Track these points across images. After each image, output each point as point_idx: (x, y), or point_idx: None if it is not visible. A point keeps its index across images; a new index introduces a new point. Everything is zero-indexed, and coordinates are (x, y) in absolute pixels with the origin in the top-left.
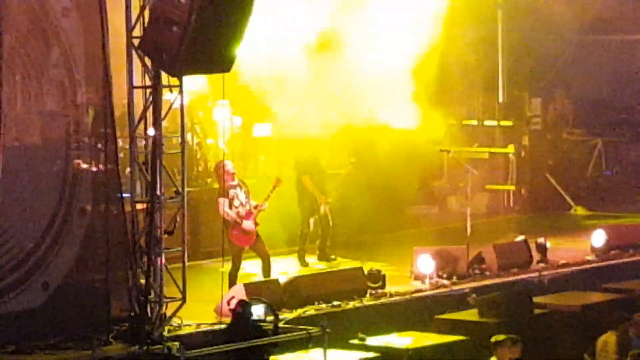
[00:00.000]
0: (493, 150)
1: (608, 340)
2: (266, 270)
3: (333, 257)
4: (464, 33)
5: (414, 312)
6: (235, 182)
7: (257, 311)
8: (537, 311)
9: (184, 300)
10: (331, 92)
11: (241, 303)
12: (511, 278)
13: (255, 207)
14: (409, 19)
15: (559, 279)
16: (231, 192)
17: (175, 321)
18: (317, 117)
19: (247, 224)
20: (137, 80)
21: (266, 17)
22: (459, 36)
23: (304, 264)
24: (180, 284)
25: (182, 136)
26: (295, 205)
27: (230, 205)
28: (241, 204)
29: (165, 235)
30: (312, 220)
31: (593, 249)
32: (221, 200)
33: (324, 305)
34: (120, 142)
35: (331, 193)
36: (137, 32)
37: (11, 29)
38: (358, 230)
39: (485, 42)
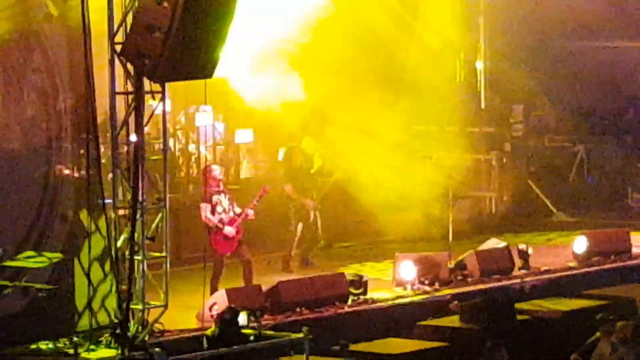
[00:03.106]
0: (475, 156)
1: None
2: (247, 276)
3: (315, 263)
4: (446, 38)
5: (396, 318)
6: (220, 188)
7: (240, 318)
8: (519, 317)
9: (166, 306)
10: None
11: (229, 310)
12: (493, 284)
13: (239, 215)
14: None
15: (541, 286)
16: (215, 197)
17: (158, 327)
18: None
19: (229, 230)
20: (119, 86)
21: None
22: (440, 42)
23: (287, 269)
24: (163, 290)
25: (165, 142)
26: (280, 210)
27: (213, 211)
28: (224, 210)
29: (148, 241)
30: (299, 227)
31: (575, 256)
32: (203, 205)
33: (306, 312)
34: (102, 148)
35: (317, 198)
36: (120, 37)
37: None
38: (340, 236)
39: (467, 48)
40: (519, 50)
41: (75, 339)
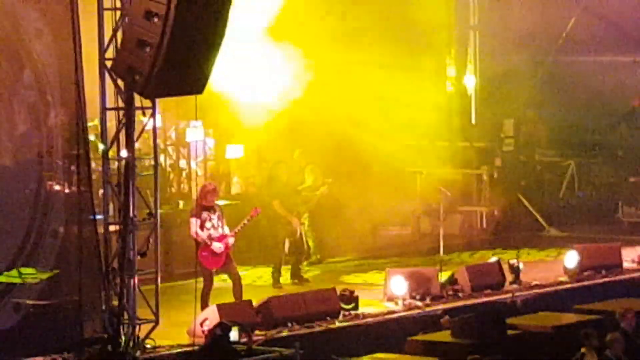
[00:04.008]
0: (466, 171)
1: None
2: (237, 292)
3: (306, 278)
4: (437, 53)
5: (387, 334)
6: (212, 205)
7: (231, 333)
8: (509, 332)
9: (157, 322)
10: None
11: (221, 325)
12: (484, 299)
13: (226, 235)
14: None
15: (532, 300)
16: (204, 213)
17: (149, 343)
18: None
19: (217, 246)
20: (109, 102)
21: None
22: (431, 57)
23: (277, 285)
24: (153, 306)
25: (155, 158)
26: (267, 225)
27: (202, 227)
28: (213, 226)
29: (138, 257)
30: (286, 243)
31: (566, 270)
32: (193, 220)
33: (297, 327)
34: (93, 164)
35: (304, 214)
36: (110, 53)
37: None
38: (331, 251)
39: (458, 62)
40: (509, 65)
41: (65, 354)
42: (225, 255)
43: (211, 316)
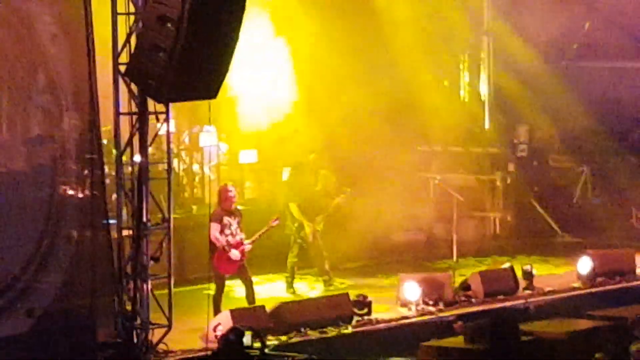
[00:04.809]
0: (479, 176)
1: None
2: (250, 296)
3: (331, 282)
4: (451, 59)
5: (400, 339)
6: (232, 209)
7: (244, 338)
8: (523, 338)
9: (170, 326)
10: None
11: (234, 330)
12: (497, 305)
13: (242, 243)
14: None
15: (545, 306)
16: (225, 218)
17: (161, 347)
18: None
19: (235, 254)
20: (123, 107)
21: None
22: (445, 62)
23: (290, 290)
24: (167, 310)
25: (169, 163)
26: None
27: (222, 232)
28: (232, 233)
29: (152, 262)
30: (297, 246)
31: (579, 276)
32: (213, 224)
33: (310, 332)
34: (106, 169)
35: (320, 220)
36: (124, 58)
37: None
38: (344, 257)
39: (472, 68)
40: (523, 70)
41: (79, 359)
42: (240, 262)
43: (224, 321)
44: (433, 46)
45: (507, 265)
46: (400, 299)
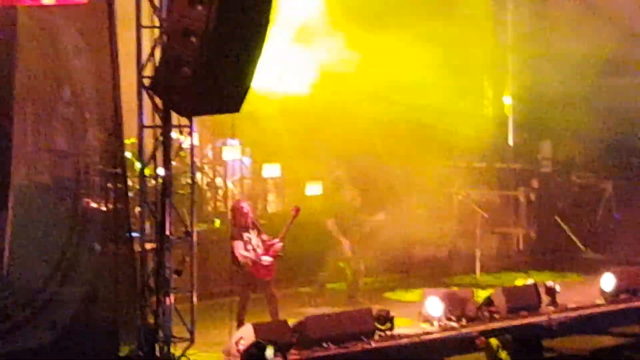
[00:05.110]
0: (503, 192)
1: None
2: (274, 311)
3: (359, 299)
4: (474, 74)
5: (423, 355)
6: (249, 224)
7: (266, 352)
8: (546, 355)
9: (192, 340)
10: None
11: (256, 345)
12: (520, 321)
13: (270, 242)
14: None
15: (568, 323)
16: (245, 235)
17: None
18: None
19: (266, 259)
20: (147, 120)
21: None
22: (468, 79)
23: (314, 304)
24: (189, 324)
25: (192, 176)
26: (310, 244)
27: (245, 248)
28: (253, 248)
29: (174, 275)
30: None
31: (602, 293)
32: (235, 243)
33: (332, 347)
34: (129, 182)
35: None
36: (148, 71)
37: (23, 68)
38: (367, 272)
39: (495, 83)
40: (546, 86)
41: None
42: (276, 261)
43: (247, 335)
44: (457, 62)
45: (530, 281)
46: (423, 314)
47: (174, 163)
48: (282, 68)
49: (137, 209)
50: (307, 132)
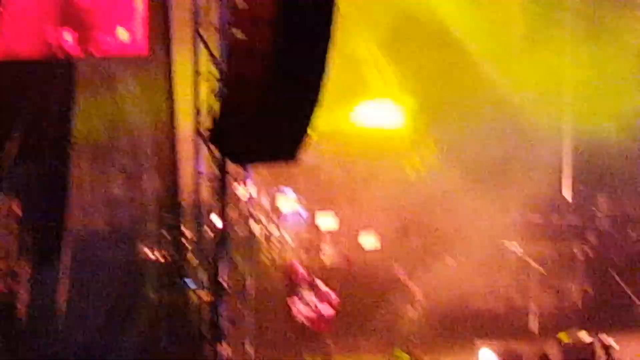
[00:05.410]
0: (559, 246)
1: None
2: None
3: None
4: (532, 126)
5: None
6: (303, 281)
7: None
8: None
9: None
10: None
11: None
12: None
13: (326, 294)
14: None
15: None
16: (300, 292)
17: None
18: None
19: (324, 309)
20: (204, 169)
21: None
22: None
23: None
24: None
25: (249, 227)
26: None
27: (302, 304)
28: (308, 304)
29: (230, 326)
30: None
31: None
32: (292, 299)
33: None
34: (186, 231)
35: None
36: (205, 120)
37: (81, 115)
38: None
39: (552, 134)
40: (605, 138)
41: None
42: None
43: None
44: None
45: (587, 338)
46: None
47: (230, 213)
48: None
49: (193, 258)
50: (362, 180)
